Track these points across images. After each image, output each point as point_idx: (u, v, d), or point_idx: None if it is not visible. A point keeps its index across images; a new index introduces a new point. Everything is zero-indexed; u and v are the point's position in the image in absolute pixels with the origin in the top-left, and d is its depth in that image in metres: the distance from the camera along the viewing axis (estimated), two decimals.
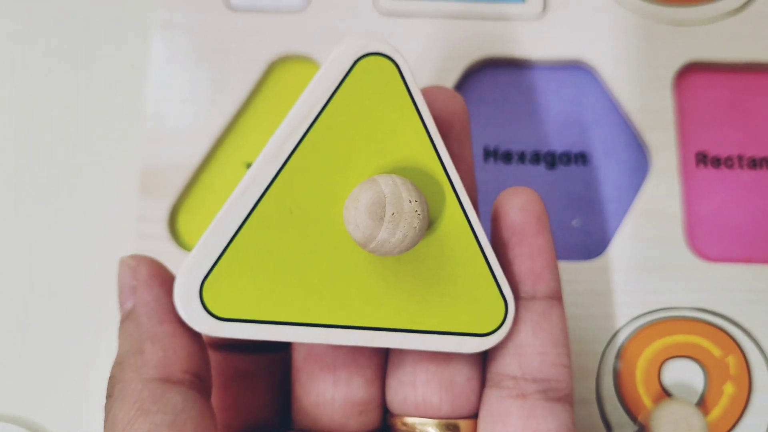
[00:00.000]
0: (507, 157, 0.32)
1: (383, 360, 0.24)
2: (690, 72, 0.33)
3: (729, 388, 0.30)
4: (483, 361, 0.23)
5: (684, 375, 0.30)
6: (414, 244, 0.20)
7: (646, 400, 0.29)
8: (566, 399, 0.22)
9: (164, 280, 0.21)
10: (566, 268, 0.31)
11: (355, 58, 0.21)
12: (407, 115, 0.21)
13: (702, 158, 0.32)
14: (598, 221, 0.32)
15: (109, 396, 0.21)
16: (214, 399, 0.23)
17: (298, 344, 0.23)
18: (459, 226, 0.21)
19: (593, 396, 0.29)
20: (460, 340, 0.21)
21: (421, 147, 0.21)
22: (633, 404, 0.29)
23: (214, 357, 0.23)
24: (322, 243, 0.21)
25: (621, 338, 0.30)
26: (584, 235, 0.32)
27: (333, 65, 0.21)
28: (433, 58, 0.33)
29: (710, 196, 0.32)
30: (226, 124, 0.32)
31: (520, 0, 0.34)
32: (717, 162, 0.32)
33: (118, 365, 0.21)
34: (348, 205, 0.20)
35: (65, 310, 0.31)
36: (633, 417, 0.29)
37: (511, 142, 0.33)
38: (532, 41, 0.33)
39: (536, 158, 0.32)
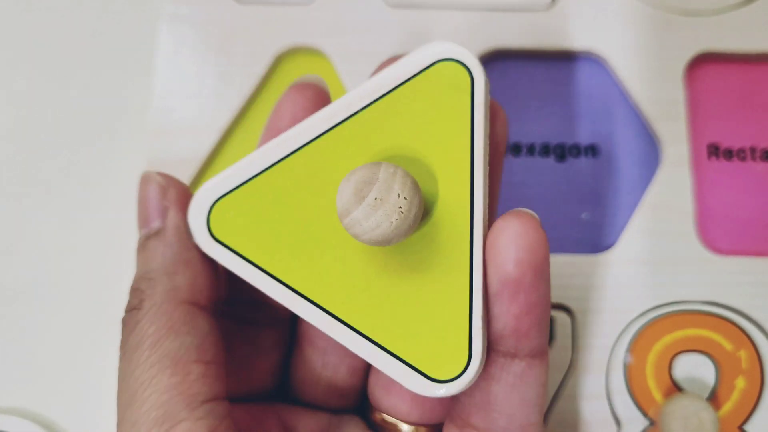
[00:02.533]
0: (516, 149, 0.32)
1: None
2: (702, 63, 0.33)
3: (741, 383, 0.29)
4: None
5: (695, 369, 0.29)
6: (385, 239, 0.19)
7: (657, 395, 0.29)
8: None
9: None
10: (576, 261, 0.30)
11: (435, 58, 0.22)
12: (460, 126, 0.21)
13: (714, 150, 0.32)
14: (608, 214, 0.31)
15: (135, 308, 0.21)
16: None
17: (301, 323, 0.25)
18: (459, 259, 0.20)
19: (603, 390, 0.29)
20: (411, 374, 0.20)
21: (459, 162, 0.21)
22: (643, 399, 0.29)
23: (224, 324, 0.23)
24: (329, 212, 0.21)
25: (631, 332, 0.30)
26: (594, 228, 0.31)
27: (413, 57, 0.22)
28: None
29: (722, 188, 0.32)
30: (233, 117, 0.32)
31: None
32: (729, 154, 0.32)
33: (147, 281, 0.21)
34: (345, 177, 0.20)
35: (75, 306, 0.31)
36: (643, 412, 0.29)
37: (520, 134, 0.32)
38: (542, 32, 0.33)
39: (546, 150, 0.32)
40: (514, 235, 0.19)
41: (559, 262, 0.30)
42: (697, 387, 0.29)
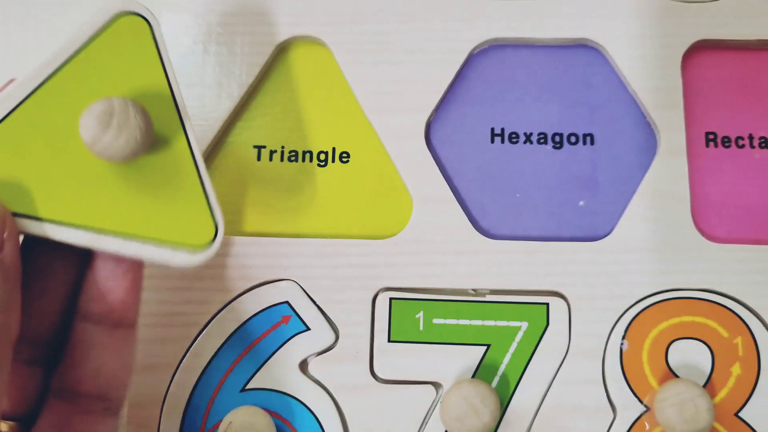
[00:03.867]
0: (513, 138, 0.32)
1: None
2: (699, 50, 0.33)
3: (737, 370, 0.29)
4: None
5: (691, 356, 0.30)
6: (135, 152, 0.24)
7: (653, 381, 0.29)
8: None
9: None
10: (573, 248, 0.31)
11: (113, 13, 0.26)
12: (152, 63, 0.26)
13: (711, 138, 0.32)
14: (605, 202, 0.31)
15: None
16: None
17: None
18: (183, 154, 0.25)
19: (599, 377, 0.29)
20: (174, 252, 0.25)
21: (160, 89, 0.26)
22: (639, 385, 0.29)
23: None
24: (64, 151, 0.24)
25: (627, 319, 0.30)
26: (591, 216, 0.31)
27: (93, 18, 0.26)
28: (440, 38, 0.33)
29: (719, 176, 0.32)
30: (234, 107, 0.33)
31: None
32: (727, 142, 0.32)
33: None
34: (84, 113, 0.23)
35: None
36: (639, 398, 0.29)
37: (517, 123, 0.32)
38: (540, 21, 0.33)
39: (543, 139, 0.32)
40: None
41: (556, 249, 0.31)
42: (692, 374, 0.29)
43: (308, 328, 0.30)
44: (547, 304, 0.30)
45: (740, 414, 0.29)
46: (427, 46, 0.33)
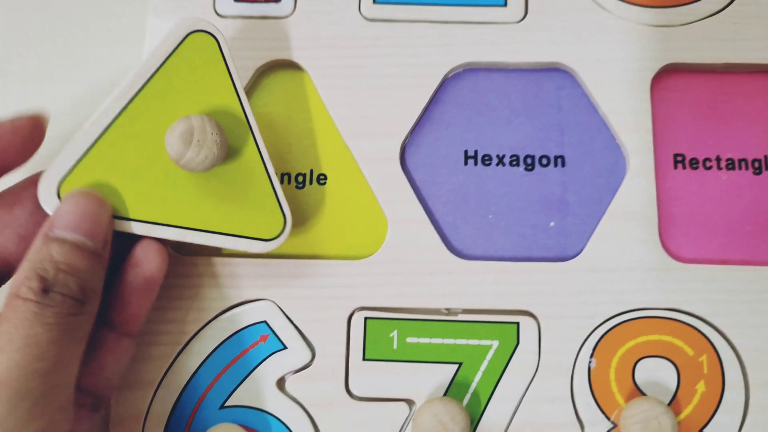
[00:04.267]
0: (486, 160, 0.33)
1: None
2: (668, 74, 0.34)
3: (702, 387, 0.30)
4: None
5: (657, 374, 0.30)
6: (214, 163, 0.28)
7: (620, 399, 0.30)
8: None
9: None
10: (544, 269, 0.31)
11: (185, 33, 0.30)
12: (223, 78, 0.30)
13: (680, 160, 0.33)
14: (575, 223, 0.32)
15: (75, 300, 0.26)
16: None
17: None
18: (254, 160, 0.30)
19: (568, 393, 0.30)
20: (251, 242, 0.29)
21: (230, 101, 0.30)
22: (606, 402, 0.30)
23: None
24: (153, 163, 0.29)
25: (596, 337, 0.31)
26: (562, 236, 0.32)
27: (168, 37, 0.30)
28: (415, 63, 0.34)
29: (686, 197, 0.32)
30: None
31: (501, 3, 0.34)
32: (695, 163, 0.33)
33: (83, 291, 0.27)
34: (167, 133, 0.28)
35: None
36: (606, 415, 0.30)
37: (490, 145, 0.33)
38: (513, 45, 0.34)
39: (515, 161, 0.33)
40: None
41: (526, 269, 0.31)
42: (659, 391, 0.30)
43: (285, 347, 0.31)
44: (518, 323, 0.31)
45: (705, 431, 0.30)
46: (403, 71, 0.33)
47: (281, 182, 0.33)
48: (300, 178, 0.33)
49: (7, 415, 0.24)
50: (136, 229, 0.29)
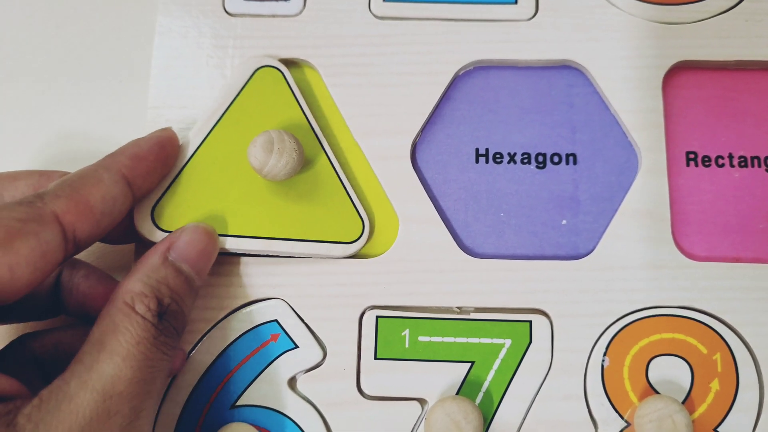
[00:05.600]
0: (498, 158, 0.33)
1: None
2: (680, 71, 0.33)
3: (716, 385, 0.30)
4: None
5: (671, 372, 0.30)
6: (295, 170, 0.30)
7: (633, 397, 0.30)
8: None
9: None
10: (556, 267, 0.31)
11: (255, 68, 0.33)
12: (290, 102, 0.32)
13: (692, 157, 0.33)
14: (587, 221, 0.32)
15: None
16: None
17: None
18: (327, 171, 0.32)
19: (581, 392, 0.30)
20: (331, 246, 0.31)
21: (300, 122, 0.32)
22: (620, 401, 0.30)
23: None
24: (236, 181, 0.31)
25: (609, 336, 0.31)
26: (574, 235, 0.32)
27: (239, 72, 0.33)
28: (425, 61, 0.33)
29: (699, 195, 0.32)
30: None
31: (512, 1, 0.34)
32: (707, 161, 0.33)
33: (175, 302, 0.28)
34: (249, 147, 0.30)
35: None
36: (619, 413, 0.30)
37: (502, 143, 0.33)
38: (523, 42, 0.34)
39: (527, 159, 0.33)
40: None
41: (538, 267, 0.31)
42: (672, 389, 0.30)
43: (297, 346, 0.31)
44: (530, 322, 0.31)
45: (719, 429, 0.30)
46: (413, 68, 0.33)
47: None
48: None
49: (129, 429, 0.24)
50: (228, 245, 0.30)
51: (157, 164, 0.30)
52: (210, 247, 0.29)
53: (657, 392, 0.30)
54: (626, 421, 0.30)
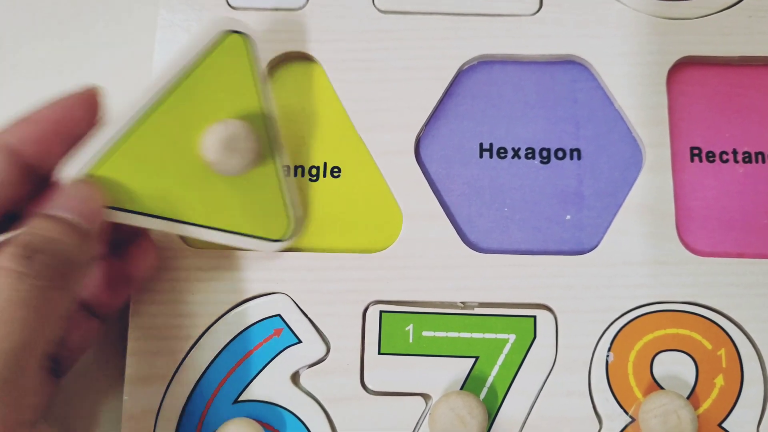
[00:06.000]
0: (502, 153, 0.33)
1: None
2: (684, 67, 0.33)
3: (720, 381, 0.30)
4: None
5: (675, 367, 0.30)
6: (246, 169, 0.29)
7: (638, 393, 0.30)
8: None
9: None
10: (560, 262, 0.31)
11: (219, 32, 0.29)
12: (250, 87, 0.30)
13: (696, 153, 0.33)
14: (591, 216, 0.32)
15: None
16: None
17: None
18: (270, 166, 0.31)
19: (585, 388, 0.30)
20: (259, 242, 0.31)
21: (254, 108, 0.30)
22: (624, 396, 0.30)
23: None
24: (177, 163, 0.29)
25: (613, 331, 0.30)
26: (578, 230, 0.32)
27: (203, 35, 0.29)
28: (429, 55, 0.33)
29: (703, 190, 0.32)
30: None
31: None
32: (711, 156, 0.33)
33: (43, 254, 0.25)
34: (208, 136, 0.28)
35: None
36: (624, 409, 0.30)
37: (506, 138, 0.33)
38: (527, 37, 0.33)
39: (531, 154, 0.33)
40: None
41: (542, 263, 0.31)
42: (677, 385, 0.30)
43: (300, 341, 0.31)
44: (535, 317, 0.31)
45: (723, 424, 0.30)
46: (417, 63, 0.33)
47: (294, 175, 0.33)
48: (314, 171, 0.33)
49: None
50: (153, 224, 0.29)
51: (58, 127, 0.27)
52: (86, 191, 0.27)
53: (662, 388, 0.30)
54: (631, 417, 0.30)
